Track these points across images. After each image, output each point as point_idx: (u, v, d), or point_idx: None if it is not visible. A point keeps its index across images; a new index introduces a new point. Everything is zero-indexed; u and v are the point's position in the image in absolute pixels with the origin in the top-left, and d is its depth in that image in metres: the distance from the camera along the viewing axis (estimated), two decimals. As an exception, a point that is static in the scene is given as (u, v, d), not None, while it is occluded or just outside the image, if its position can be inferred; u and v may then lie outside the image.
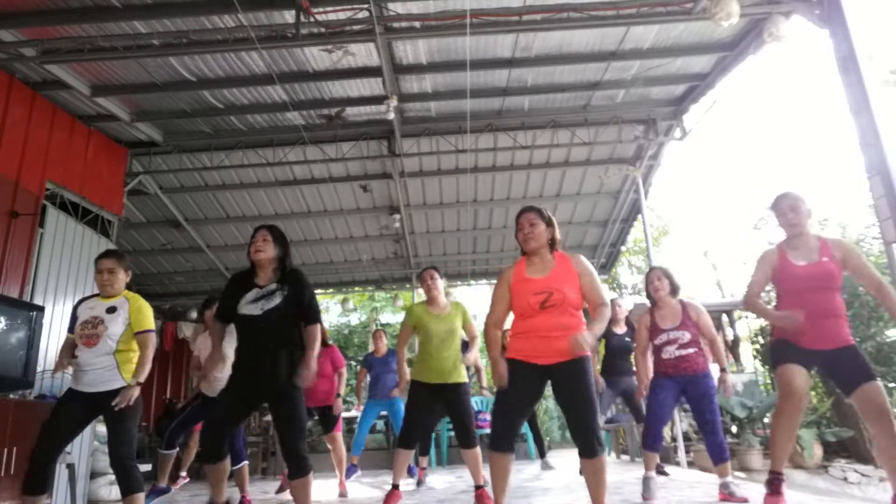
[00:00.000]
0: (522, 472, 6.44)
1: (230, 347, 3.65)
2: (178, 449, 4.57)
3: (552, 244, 2.92)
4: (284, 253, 3.15)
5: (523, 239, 2.91)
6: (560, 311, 2.73)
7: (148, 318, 3.33)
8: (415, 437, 4.12)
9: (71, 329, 3.34)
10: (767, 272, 3.19)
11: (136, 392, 3.17)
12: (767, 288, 3.32)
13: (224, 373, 4.40)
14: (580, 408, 2.66)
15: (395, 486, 4.15)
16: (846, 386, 2.97)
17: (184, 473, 7.06)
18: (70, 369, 3.27)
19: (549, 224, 2.93)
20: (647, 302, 4.24)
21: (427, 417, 4.18)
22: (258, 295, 3.03)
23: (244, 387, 3.03)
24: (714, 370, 4.00)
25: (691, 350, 3.88)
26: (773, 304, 3.33)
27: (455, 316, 4.16)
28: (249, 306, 3.01)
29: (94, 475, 5.78)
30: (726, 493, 3.76)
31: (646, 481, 3.91)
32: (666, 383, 3.91)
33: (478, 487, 3.97)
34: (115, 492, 5.86)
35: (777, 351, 3.11)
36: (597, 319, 2.77)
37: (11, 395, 4.46)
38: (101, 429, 6.45)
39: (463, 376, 4.10)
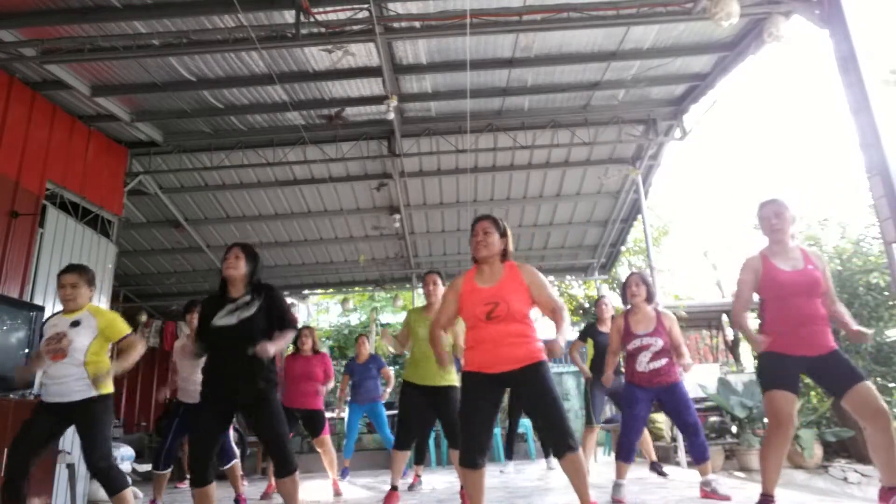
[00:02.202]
0: (523, 472, 6.44)
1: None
2: (171, 468, 4.54)
3: (504, 254, 2.92)
4: (254, 269, 3.22)
5: (475, 246, 2.91)
6: (507, 322, 2.72)
7: (121, 326, 3.37)
8: (409, 438, 4.15)
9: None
10: (752, 282, 3.17)
11: (110, 377, 3.20)
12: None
13: (199, 381, 4.41)
14: (547, 409, 2.63)
15: (394, 488, 4.18)
16: (836, 389, 2.98)
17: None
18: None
19: (504, 234, 2.93)
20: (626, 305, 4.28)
21: (420, 417, 4.20)
22: (233, 307, 3.09)
23: (219, 395, 3.04)
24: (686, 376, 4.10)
25: (664, 361, 3.93)
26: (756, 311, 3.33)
27: None
28: (224, 318, 3.05)
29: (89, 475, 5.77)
30: (708, 491, 3.84)
31: (617, 487, 3.98)
32: (641, 396, 3.95)
33: (464, 487, 4.01)
34: (115, 492, 5.85)
35: (766, 371, 3.09)
36: (560, 323, 2.74)
37: (11, 395, 4.46)
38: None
39: (452, 380, 4.13)
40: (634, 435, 3.98)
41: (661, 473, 5.50)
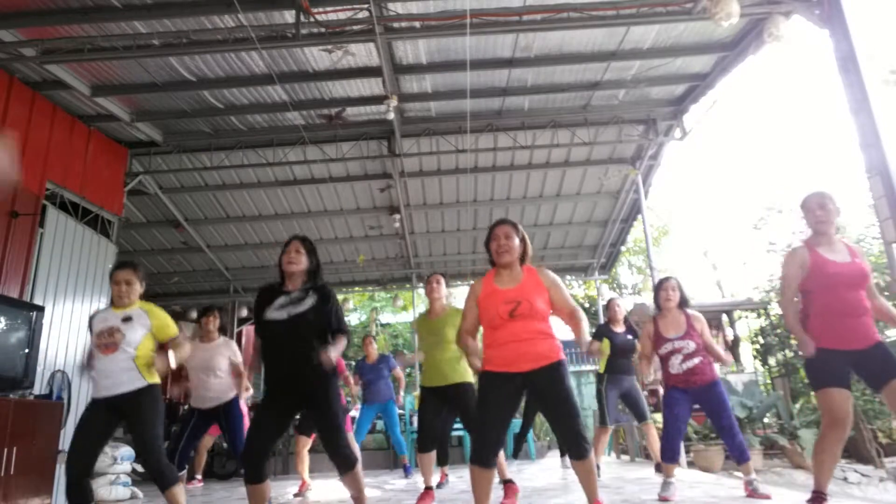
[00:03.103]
0: (523, 472, 6.43)
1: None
2: (185, 470, 4.55)
3: (522, 258, 2.96)
4: (316, 265, 3.22)
5: (497, 250, 2.91)
6: (529, 320, 2.75)
7: (173, 328, 3.40)
8: (430, 439, 4.16)
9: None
10: (797, 271, 3.12)
11: (180, 345, 3.29)
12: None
13: (210, 386, 4.41)
14: (565, 413, 2.67)
15: (428, 488, 4.16)
16: (876, 382, 2.96)
17: (199, 476, 7.08)
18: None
19: (523, 240, 2.97)
20: (649, 304, 4.26)
21: (437, 419, 4.22)
22: (286, 301, 3.05)
23: (279, 394, 3.03)
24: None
25: (697, 360, 3.88)
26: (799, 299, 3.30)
27: (446, 322, 4.19)
28: (276, 312, 3.02)
29: (94, 475, 5.78)
30: (751, 490, 3.83)
31: (665, 485, 3.93)
32: (680, 397, 3.90)
33: (505, 482, 4.04)
34: (115, 491, 5.86)
35: (816, 368, 3.04)
36: (579, 325, 2.79)
37: (11, 395, 4.46)
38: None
39: (464, 376, 4.14)
40: (678, 435, 3.95)
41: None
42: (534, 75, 6.44)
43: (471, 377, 4.17)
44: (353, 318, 15.97)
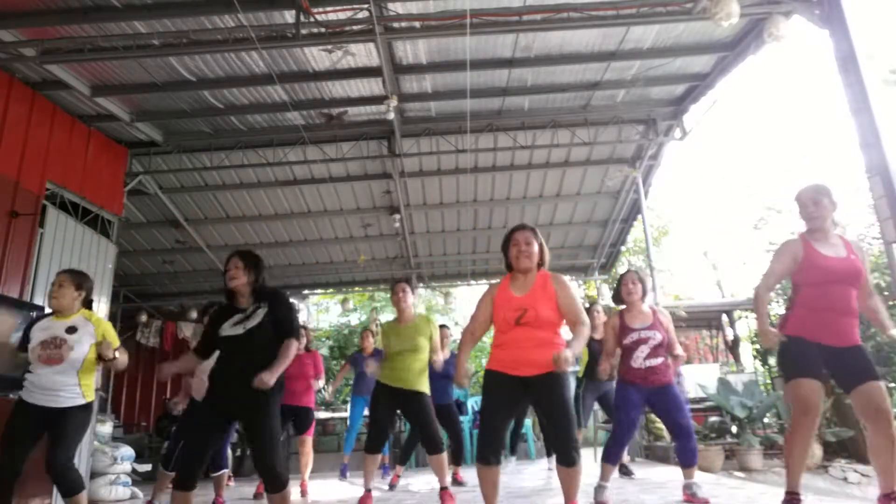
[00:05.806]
0: (523, 472, 6.43)
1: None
2: (230, 467, 4.52)
3: (539, 263, 2.98)
4: (257, 276, 3.14)
5: (517, 256, 2.93)
6: (534, 327, 2.78)
7: (115, 337, 3.41)
8: (381, 440, 4.22)
9: (22, 348, 3.31)
10: (789, 263, 3.06)
11: (109, 352, 3.23)
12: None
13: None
14: (560, 420, 2.71)
15: (368, 490, 4.26)
16: (848, 383, 2.93)
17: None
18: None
19: (540, 245, 2.99)
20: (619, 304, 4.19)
21: (389, 421, 4.34)
22: (241, 317, 3.02)
23: (222, 403, 2.97)
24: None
25: (660, 360, 3.85)
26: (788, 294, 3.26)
27: (415, 330, 4.21)
28: (232, 328, 3.00)
29: (94, 475, 5.78)
30: (689, 494, 3.79)
31: (600, 489, 3.86)
32: (636, 400, 3.83)
33: (443, 489, 4.11)
34: (115, 492, 5.86)
35: (792, 357, 3.00)
36: (576, 338, 2.80)
37: (11, 395, 4.46)
38: (101, 429, 6.46)
39: (425, 386, 4.20)
40: (629, 438, 3.94)
41: (629, 473, 5.49)
42: (534, 75, 6.44)
43: (428, 389, 4.21)
44: (353, 318, 15.93)
